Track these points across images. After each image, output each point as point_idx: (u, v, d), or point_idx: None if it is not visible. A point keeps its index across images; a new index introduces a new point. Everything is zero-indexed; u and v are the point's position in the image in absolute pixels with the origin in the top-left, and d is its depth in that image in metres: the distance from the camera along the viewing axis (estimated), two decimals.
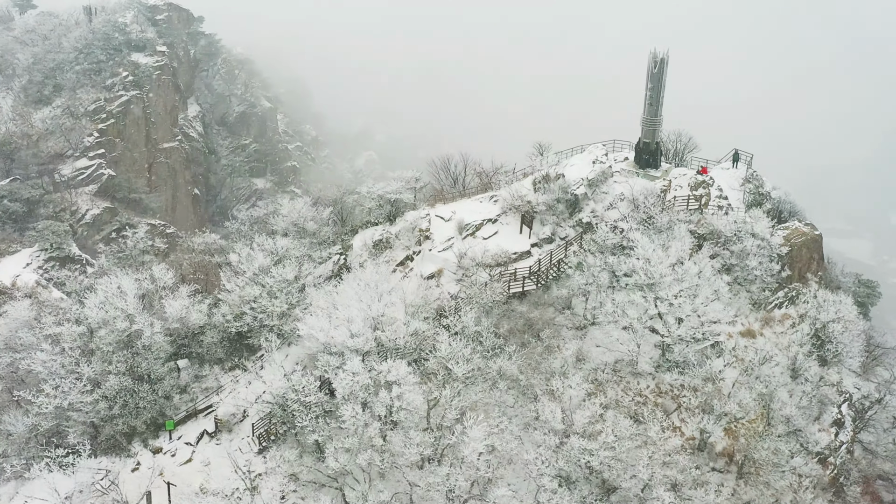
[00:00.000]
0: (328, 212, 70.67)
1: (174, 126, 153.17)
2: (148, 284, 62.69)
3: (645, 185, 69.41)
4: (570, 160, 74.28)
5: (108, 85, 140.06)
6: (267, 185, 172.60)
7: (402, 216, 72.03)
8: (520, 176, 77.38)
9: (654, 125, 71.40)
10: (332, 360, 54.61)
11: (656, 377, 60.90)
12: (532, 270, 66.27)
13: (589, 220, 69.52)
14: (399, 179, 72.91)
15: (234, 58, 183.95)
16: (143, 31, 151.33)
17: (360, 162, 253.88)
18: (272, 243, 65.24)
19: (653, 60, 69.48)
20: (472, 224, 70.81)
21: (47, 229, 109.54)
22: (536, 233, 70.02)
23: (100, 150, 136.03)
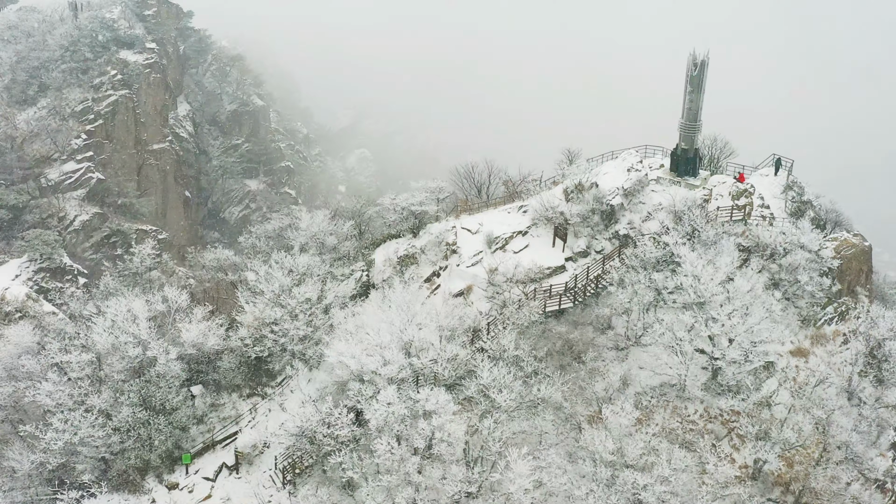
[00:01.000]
0: (349, 225, 67.44)
1: (164, 126, 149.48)
2: (160, 306, 59.31)
3: (684, 195, 66.70)
4: (603, 168, 71.41)
5: (96, 84, 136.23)
6: (260, 186, 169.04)
7: (426, 228, 68.97)
8: (549, 184, 74.47)
9: (694, 131, 68.70)
10: (364, 388, 51.60)
11: (705, 401, 58.26)
12: (568, 287, 63.47)
13: (626, 233, 66.75)
14: (423, 190, 69.76)
15: (225, 54, 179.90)
16: (132, 27, 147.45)
17: (352, 160, 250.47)
18: (292, 261, 62.06)
19: (692, 63, 66.70)
20: (501, 237, 67.93)
21: (36, 239, 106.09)
22: (570, 246, 67.18)
23: (88, 153, 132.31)
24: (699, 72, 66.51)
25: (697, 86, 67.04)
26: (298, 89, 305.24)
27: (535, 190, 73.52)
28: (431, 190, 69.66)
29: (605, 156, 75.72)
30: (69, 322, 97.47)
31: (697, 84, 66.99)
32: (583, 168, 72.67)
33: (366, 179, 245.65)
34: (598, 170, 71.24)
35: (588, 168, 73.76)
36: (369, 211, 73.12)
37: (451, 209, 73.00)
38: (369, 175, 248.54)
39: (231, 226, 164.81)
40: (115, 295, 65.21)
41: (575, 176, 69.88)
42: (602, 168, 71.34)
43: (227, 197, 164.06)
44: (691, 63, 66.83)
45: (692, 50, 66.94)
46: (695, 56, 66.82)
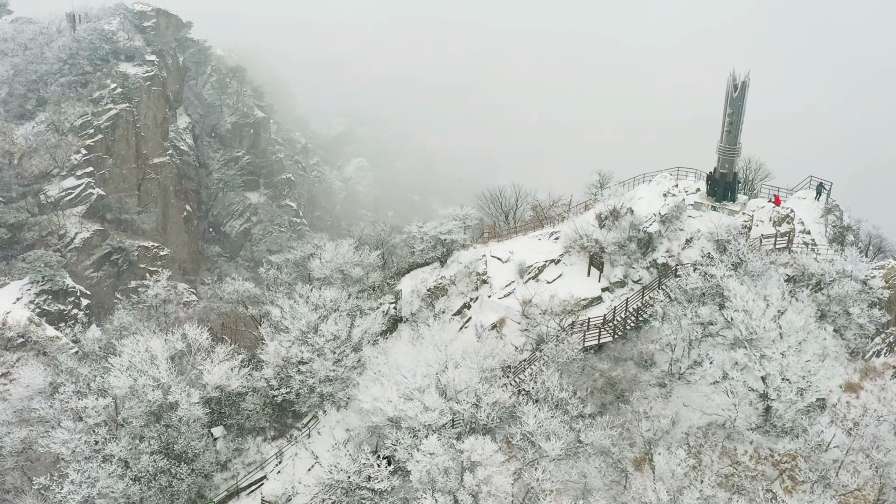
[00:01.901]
0: (375, 255, 63.65)
1: (164, 140, 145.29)
2: (179, 345, 55.40)
3: (724, 221, 63.24)
4: (637, 192, 68.02)
5: (96, 98, 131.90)
6: (261, 199, 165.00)
7: (454, 256, 65.36)
8: (580, 209, 70.95)
9: (733, 154, 65.19)
10: (403, 437, 47.94)
11: (754, 441, 54.82)
12: (607, 320, 60.00)
13: (665, 261, 63.31)
14: (451, 218, 66.07)
15: (224, 65, 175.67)
16: (131, 39, 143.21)
17: (350, 169, 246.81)
18: (317, 295, 58.25)
19: (732, 84, 63.23)
20: (533, 266, 64.46)
21: (38, 260, 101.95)
22: (607, 275, 63.76)
23: (88, 168, 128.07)
24: (740, 93, 63.08)
25: (738, 108, 63.59)
26: (293, 97, 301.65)
27: (565, 214, 69.94)
28: (459, 217, 65.91)
29: (637, 179, 72.30)
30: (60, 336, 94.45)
31: (738, 106, 63.54)
32: (616, 193, 69.07)
33: (364, 189, 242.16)
34: (632, 194, 67.86)
35: (621, 191, 70.32)
36: (395, 239, 69.31)
37: (477, 235, 69.34)
38: (367, 184, 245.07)
39: (232, 240, 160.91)
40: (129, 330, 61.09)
41: (608, 201, 66.33)
42: (636, 192, 67.92)
43: (228, 210, 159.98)
44: (731, 84, 63.39)
45: (731, 70, 63.54)
46: (734, 77, 63.39)
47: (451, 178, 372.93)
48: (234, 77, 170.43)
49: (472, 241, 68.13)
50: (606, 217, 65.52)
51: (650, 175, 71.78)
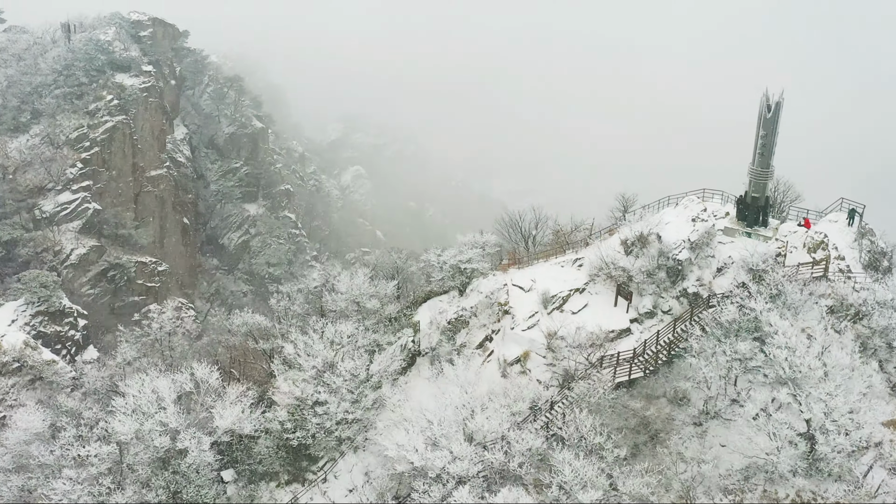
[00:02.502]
0: (391, 286, 59.92)
1: (161, 152, 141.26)
2: (187, 385, 51.61)
3: (757, 248, 59.86)
4: (663, 216, 64.51)
5: (92, 110, 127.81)
6: (259, 210, 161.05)
7: (474, 285, 61.76)
8: (604, 234, 67.40)
9: (766, 178, 61.85)
10: (431, 489, 44.39)
11: (797, 485, 51.36)
12: (637, 353, 56.54)
13: (696, 290, 59.91)
14: (471, 246, 62.42)
15: (222, 74, 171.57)
16: (127, 48, 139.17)
17: (347, 177, 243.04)
18: (332, 330, 54.52)
19: (765, 105, 59.85)
20: (558, 296, 60.97)
21: (34, 280, 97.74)
22: (635, 305, 60.27)
23: (84, 182, 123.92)
24: (774, 114, 59.70)
25: (771, 129, 60.22)
26: (288, 104, 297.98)
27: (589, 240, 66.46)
28: (479, 244, 62.30)
29: (661, 202, 68.86)
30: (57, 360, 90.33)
31: (771, 127, 60.18)
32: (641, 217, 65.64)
33: (361, 197, 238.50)
34: (658, 217, 64.36)
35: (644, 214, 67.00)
36: (411, 267, 65.58)
37: (497, 262, 65.77)
38: (365, 192, 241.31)
39: (230, 252, 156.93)
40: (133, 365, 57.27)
41: (635, 226, 62.87)
42: (662, 216, 64.43)
43: (226, 222, 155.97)
44: (764, 105, 60.02)
45: (765, 90, 60.19)
46: (768, 97, 60.04)
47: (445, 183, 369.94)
48: (232, 87, 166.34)
49: (491, 268, 64.50)
50: (633, 243, 62.07)
51: (674, 197, 68.41)
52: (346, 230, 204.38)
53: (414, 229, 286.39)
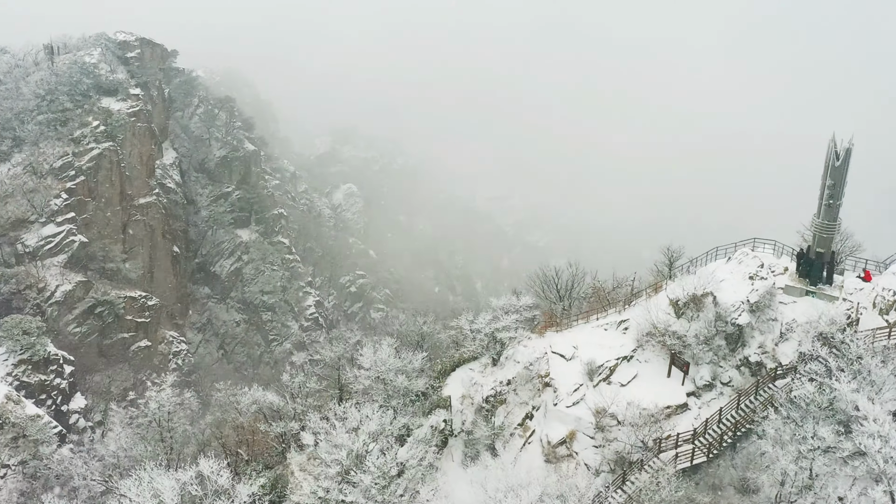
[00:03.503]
0: (421, 358, 52.54)
1: (150, 178, 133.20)
2: (194, 489, 43.89)
3: (824, 310, 52.99)
4: (716, 272, 57.37)
5: (77, 137, 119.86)
6: (252, 236, 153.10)
7: (509, 352, 54.43)
8: (650, 291, 60.25)
9: (832, 231, 55.11)
10: None
11: None
12: (698, 433, 49.47)
13: (758, 359, 52.94)
14: (506, 310, 55.03)
15: (212, 96, 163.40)
16: (113, 71, 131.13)
17: (339, 196, 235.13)
18: (357, 415, 46.99)
19: (833, 152, 53.08)
20: (604, 366, 53.85)
21: (16, 327, 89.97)
22: (692, 376, 53.15)
23: (69, 214, 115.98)
24: (843, 162, 52.89)
25: (840, 178, 53.44)
26: (276, 119, 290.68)
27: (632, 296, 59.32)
28: (515, 308, 54.96)
29: (709, 254, 61.90)
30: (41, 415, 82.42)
31: (840, 176, 53.40)
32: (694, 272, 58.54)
33: (353, 216, 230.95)
34: (711, 274, 57.15)
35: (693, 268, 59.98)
36: (440, 334, 58.17)
37: (532, 322, 58.50)
38: (356, 211, 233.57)
39: (222, 280, 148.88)
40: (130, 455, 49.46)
41: (685, 283, 55.78)
42: (715, 272, 57.32)
43: (218, 249, 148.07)
44: (832, 152, 53.24)
45: (832, 136, 53.39)
46: (835, 143, 53.23)
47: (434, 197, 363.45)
48: (223, 108, 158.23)
49: (526, 329, 57.21)
50: (685, 305, 54.97)
51: (724, 248, 61.40)
52: (339, 250, 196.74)
53: (405, 245, 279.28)
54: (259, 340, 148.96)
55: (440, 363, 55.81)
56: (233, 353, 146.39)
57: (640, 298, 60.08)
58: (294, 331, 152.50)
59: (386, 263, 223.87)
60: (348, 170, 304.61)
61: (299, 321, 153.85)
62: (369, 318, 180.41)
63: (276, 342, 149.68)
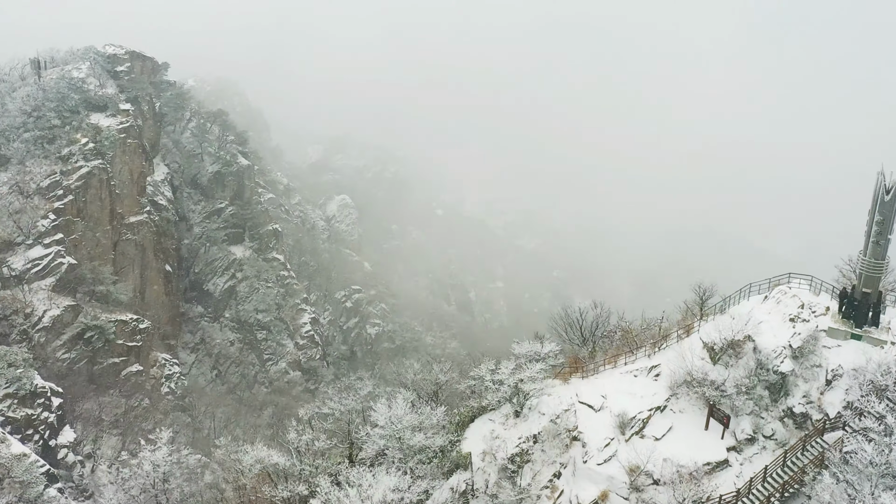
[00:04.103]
0: (440, 413, 47.84)
1: (141, 196, 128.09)
2: None
3: (871, 355, 48.60)
4: (753, 312, 52.97)
5: (65, 155, 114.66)
6: (246, 253, 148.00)
7: (533, 402, 49.77)
8: (681, 333, 55.67)
9: (880, 270, 50.71)
10: None
11: None
12: (741, 493, 44.98)
13: (803, 410, 48.50)
14: (531, 357, 50.44)
15: (204, 109, 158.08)
16: (103, 85, 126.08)
17: (333, 207, 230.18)
18: (370, 479, 42.25)
19: (882, 184, 48.70)
20: (637, 418, 49.38)
21: (1, 360, 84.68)
22: (732, 430, 48.62)
23: (57, 235, 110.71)
24: (893, 196, 48.45)
25: (889, 214, 48.98)
26: (268, 128, 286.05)
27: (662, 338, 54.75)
28: (540, 356, 50.35)
29: (743, 291, 57.39)
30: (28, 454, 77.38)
31: (889, 212, 48.94)
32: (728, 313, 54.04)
33: (347, 227, 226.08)
34: (748, 314, 52.79)
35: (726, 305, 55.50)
36: (459, 385, 53.42)
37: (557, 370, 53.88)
38: (350, 223, 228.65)
39: (216, 298, 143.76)
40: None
41: (721, 325, 51.33)
42: (752, 312, 52.93)
43: (211, 267, 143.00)
44: (881, 186, 48.88)
45: (880, 168, 49.01)
46: (884, 176, 48.88)
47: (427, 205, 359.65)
48: (216, 122, 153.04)
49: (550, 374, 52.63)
50: (722, 350, 50.49)
51: (756, 284, 57.05)
52: (333, 263, 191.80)
53: (399, 256, 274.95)
54: (253, 360, 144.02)
55: (458, 414, 51.13)
56: (227, 373, 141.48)
57: (671, 339, 55.55)
58: (289, 349, 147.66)
59: (380, 276, 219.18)
60: (340, 178, 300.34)
61: (295, 339, 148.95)
62: (365, 333, 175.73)
63: (271, 361, 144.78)
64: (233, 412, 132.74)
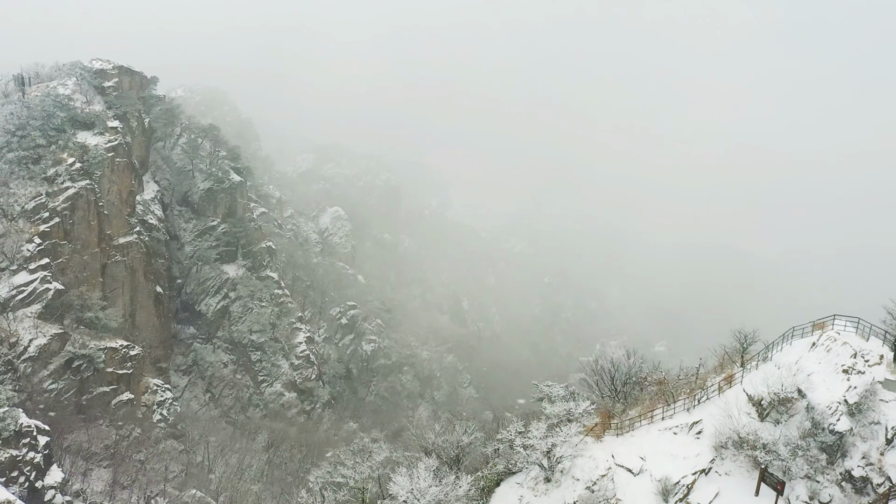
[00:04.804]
0: (466, 483, 42.81)
1: (130, 216, 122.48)
2: None
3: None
4: (801, 362, 48.29)
5: (51, 176, 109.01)
6: (239, 271, 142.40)
7: (565, 463, 44.82)
8: (722, 384, 50.79)
9: None
10: None
11: None
12: None
13: (863, 474, 43.81)
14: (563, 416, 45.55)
15: (195, 125, 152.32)
16: (90, 102, 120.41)
17: (326, 220, 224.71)
18: None
19: None
20: (680, 483, 44.43)
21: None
22: (786, 496, 43.81)
23: (43, 260, 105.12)
24: None
25: None
26: (258, 137, 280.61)
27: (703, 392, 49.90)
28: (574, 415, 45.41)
29: (786, 336, 52.60)
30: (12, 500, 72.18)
31: None
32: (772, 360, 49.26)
33: (340, 240, 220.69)
34: (796, 364, 48.12)
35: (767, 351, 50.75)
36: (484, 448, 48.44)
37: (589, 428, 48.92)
38: (344, 235, 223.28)
39: (208, 319, 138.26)
40: None
41: (770, 379, 46.56)
42: (801, 362, 48.26)
43: (203, 287, 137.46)
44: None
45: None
46: None
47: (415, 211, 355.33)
48: (207, 137, 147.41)
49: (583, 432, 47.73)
50: (771, 405, 45.72)
51: (799, 328, 52.29)
52: (327, 277, 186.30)
53: (391, 264, 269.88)
54: (248, 382, 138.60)
55: (483, 478, 46.11)
56: (220, 396, 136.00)
57: (709, 387, 50.72)
58: (284, 370, 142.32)
59: (374, 289, 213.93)
60: (331, 187, 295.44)
61: (290, 359, 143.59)
62: (361, 350, 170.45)
63: (265, 383, 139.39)
64: (227, 437, 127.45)
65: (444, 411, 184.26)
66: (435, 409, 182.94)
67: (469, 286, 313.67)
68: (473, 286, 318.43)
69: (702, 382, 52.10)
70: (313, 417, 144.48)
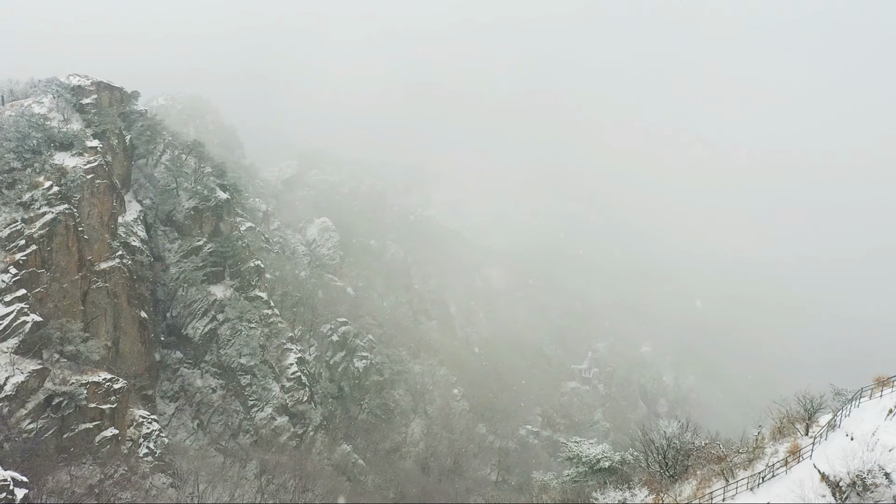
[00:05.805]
0: None
1: (113, 239, 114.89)
2: None
3: None
4: (877, 432, 41.97)
5: (26, 201, 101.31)
6: (227, 292, 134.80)
7: None
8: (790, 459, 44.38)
9: None
10: None
11: None
12: None
13: None
14: None
15: (179, 141, 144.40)
16: (67, 120, 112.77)
17: (313, 231, 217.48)
18: None
19: None
20: None
21: None
22: None
23: (19, 291, 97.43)
24: None
25: None
26: (241, 145, 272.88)
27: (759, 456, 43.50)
28: None
29: (856, 398, 46.21)
30: None
31: None
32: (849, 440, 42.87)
33: (328, 251, 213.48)
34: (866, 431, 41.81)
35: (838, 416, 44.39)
36: None
37: None
38: (332, 246, 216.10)
39: (196, 343, 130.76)
40: None
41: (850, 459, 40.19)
42: (877, 431, 41.95)
43: (190, 309, 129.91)
44: None
45: None
46: None
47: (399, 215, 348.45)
48: (192, 153, 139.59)
49: None
50: (850, 486, 39.40)
51: (867, 389, 45.94)
52: (316, 291, 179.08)
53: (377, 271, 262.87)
54: (237, 407, 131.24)
55: None
56: (209, 423, 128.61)
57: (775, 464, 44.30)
58: (275, 393, 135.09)
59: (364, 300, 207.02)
60: (316, 194, 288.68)
61: (280, 382, 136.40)
62: (353, 367, 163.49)
63: (256, 408, 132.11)
64: (217, 467, 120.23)
65: (437, 426, 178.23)
66: (428, 424, 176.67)
67: (456, 291, 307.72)
68: (460, 290, 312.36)
69: (759, 451, 45.72)
70: (305, 441, 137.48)
